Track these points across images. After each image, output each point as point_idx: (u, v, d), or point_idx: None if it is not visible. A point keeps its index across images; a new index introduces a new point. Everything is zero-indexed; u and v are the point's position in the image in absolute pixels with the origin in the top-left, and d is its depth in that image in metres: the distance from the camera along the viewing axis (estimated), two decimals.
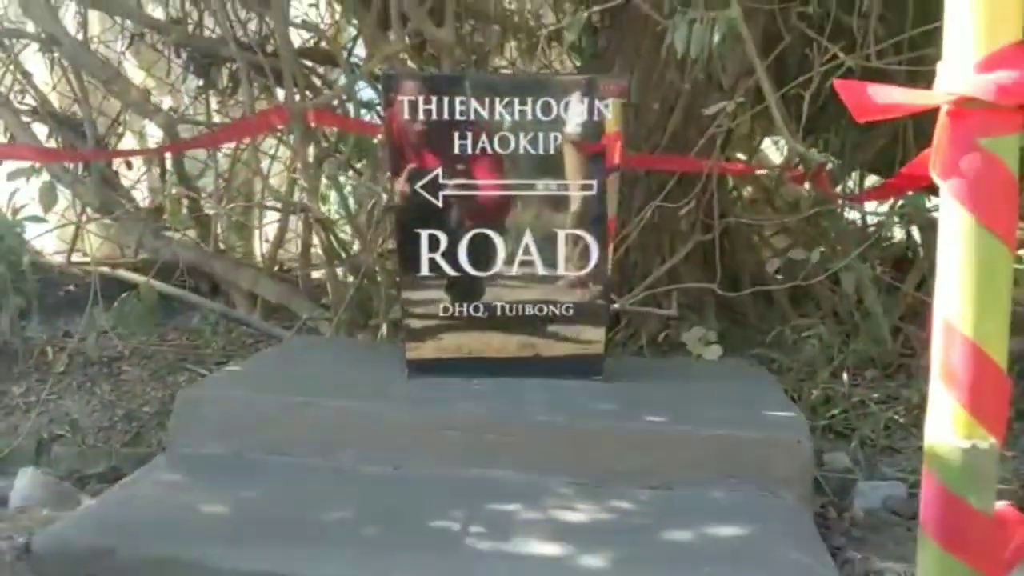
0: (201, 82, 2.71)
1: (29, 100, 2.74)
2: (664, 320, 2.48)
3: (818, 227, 2.58)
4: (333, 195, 2.64)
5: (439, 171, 1.70)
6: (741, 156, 2.81)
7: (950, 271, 0.98)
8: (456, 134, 1.69)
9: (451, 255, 1.71)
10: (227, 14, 2.59)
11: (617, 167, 1.72)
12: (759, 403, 1.63)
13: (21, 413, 2.29)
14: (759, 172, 2.45)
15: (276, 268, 2.84)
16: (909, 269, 2.47)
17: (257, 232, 3.01)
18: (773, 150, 3.08)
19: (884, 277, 2.43)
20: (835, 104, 1.84)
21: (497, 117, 1.70)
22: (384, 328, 2.18)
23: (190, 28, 2.71)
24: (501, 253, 1.72)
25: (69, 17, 2.65)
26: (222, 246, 2.89)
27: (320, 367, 1.84)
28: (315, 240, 2.62)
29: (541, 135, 1.70)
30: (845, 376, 2.21)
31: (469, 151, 1.70)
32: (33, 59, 2.80)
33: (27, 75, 2.70)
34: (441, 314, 1.73)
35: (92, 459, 2.07)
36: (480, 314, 1.73)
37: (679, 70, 2.31)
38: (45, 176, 2.49)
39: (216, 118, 2.78)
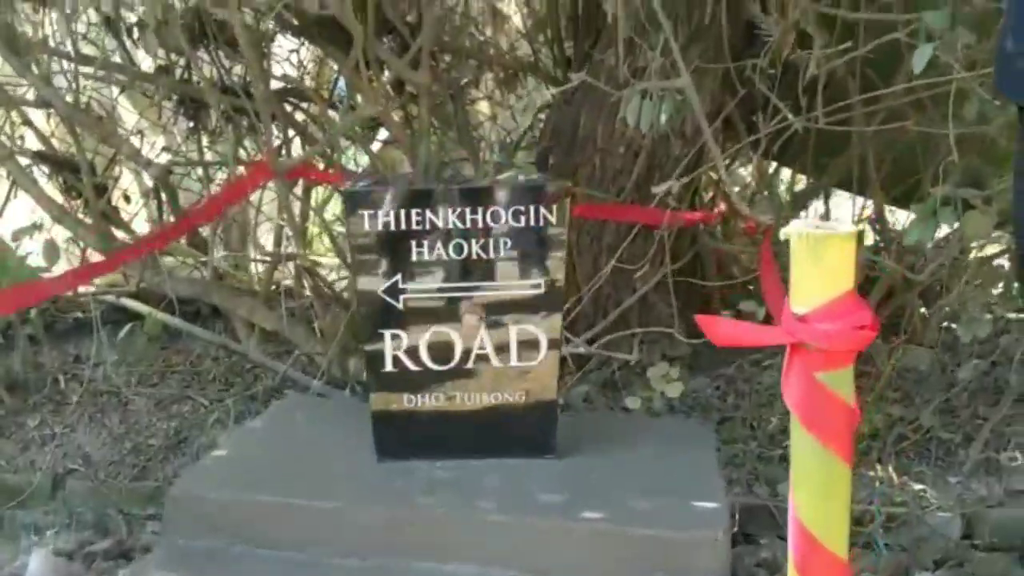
0: (191, 124, 2.86)
1: (30, 144, 2.91)
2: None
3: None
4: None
5: (399, 277, 1.86)
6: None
7: (800, 478, 1.14)
8: (413, 243, 1.85)
9: (413, 352, 1.89)
10: (213, 59, 2.73)
11: (563, 264, 1.88)
12: (692, 487, 1.82)
13: (37, 447, 2.53)
14: (716, 214, 2.58)
15: (274, 289, 3.00)
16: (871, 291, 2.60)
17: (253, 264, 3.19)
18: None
19: None
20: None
21: (451, 226, 1.85)
22: None
23: (178, 73, 2.85)
24: (459, 349, 1.89)
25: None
26: (220, 272, 3.08)
27: (302, 448, 2.04)
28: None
29: (491, 240, 1.86)
30: None
31: (426, 257, 1.86)
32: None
33: (28, 123, 2.84)
34: (406, 404, 1.91)
35: (102, 499, 2.28)
36: (441, 404, 1.91)
37: None
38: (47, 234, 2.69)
39: (208, 155, 2.93)
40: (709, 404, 2.58)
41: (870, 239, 2.77)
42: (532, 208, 1.84)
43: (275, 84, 2.81)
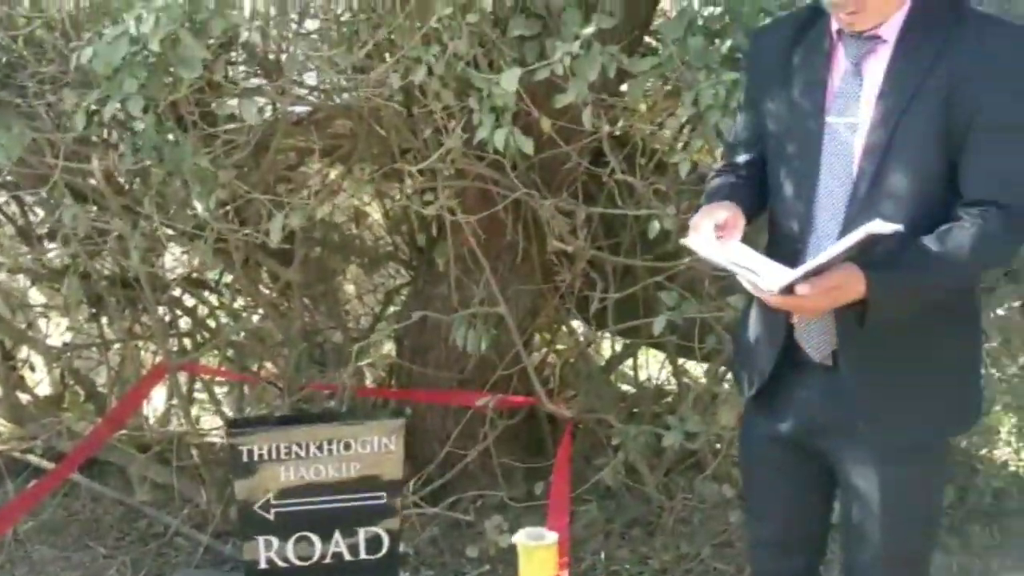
0: (93, 310, 3.30)
1: None
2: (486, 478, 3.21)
3: None
4: None
5: (271, 495, 2.37)
6: None
7: None
8: (282, 468, 2.37)
9: (282, 553, 2.40)
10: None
11: (402, 484, 2.42)
12: None
13: None
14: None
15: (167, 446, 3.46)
16: None
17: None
18: None
19: None
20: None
21: (310, 454, 2.37)
22: None
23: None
24: (318, 548, 2.41)
25: None
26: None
27: None
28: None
29: (344, 464, 2.39)
30: None
31: (292, 480, 2.38)
32: None
33: None
34: None
35: None
36: None
37: None
38: None
39: (109, 333, 3.37)
40: None
41: None
42: (376, 438, 2.38)
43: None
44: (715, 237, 1.63)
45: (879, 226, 1.45)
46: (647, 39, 2.69)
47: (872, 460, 1.71)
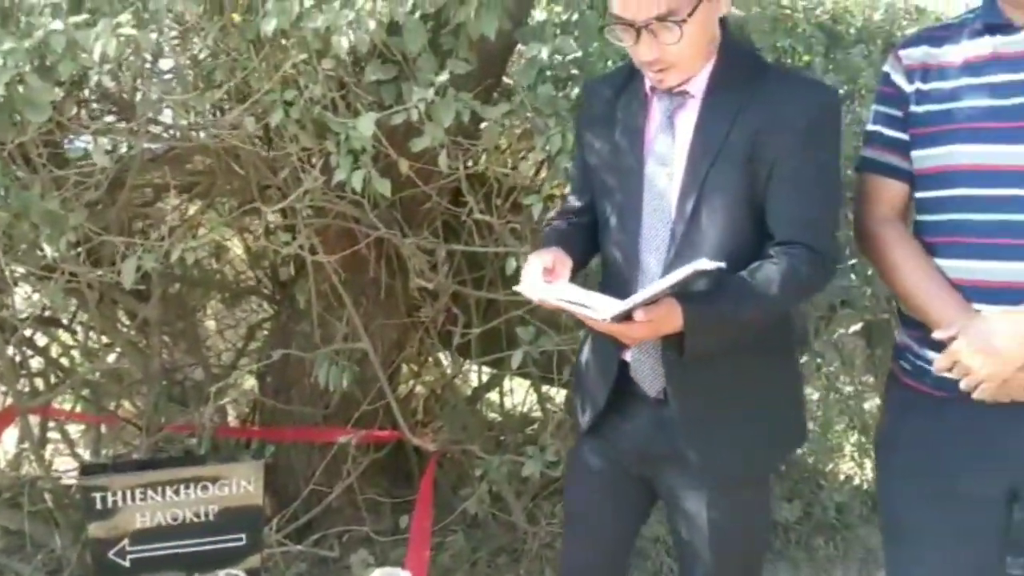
0: None
1: None
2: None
3: None
4: None
5: (126, 542, 2.33)
6: None
7: None
8: (138, 514, 2.33)
9: None
10: None
11: (264, 523, 2.41)
12: None
13: None
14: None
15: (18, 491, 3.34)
16: None
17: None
18: None
19: None
20: None
21: (167, 498, 2.34)
22: None
23: None
24: None
25: None
26: None
27: None
28: None
29: (202, 506, 2.36)
30: None
31: (148, 524, 2.34)
32: None
33: None
34: None
35: None
36: None
37: None
38: None
39: None
40: None
41: None
42: (235, 479, 2.37)
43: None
44: (543, 281, 1.74)
45: (704, 264, 1.58)
46: (506, 80, 2.78)
47: (702, 487, 1.85)
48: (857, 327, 3.59)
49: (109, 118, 2.62)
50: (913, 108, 1.83)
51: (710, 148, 1.73)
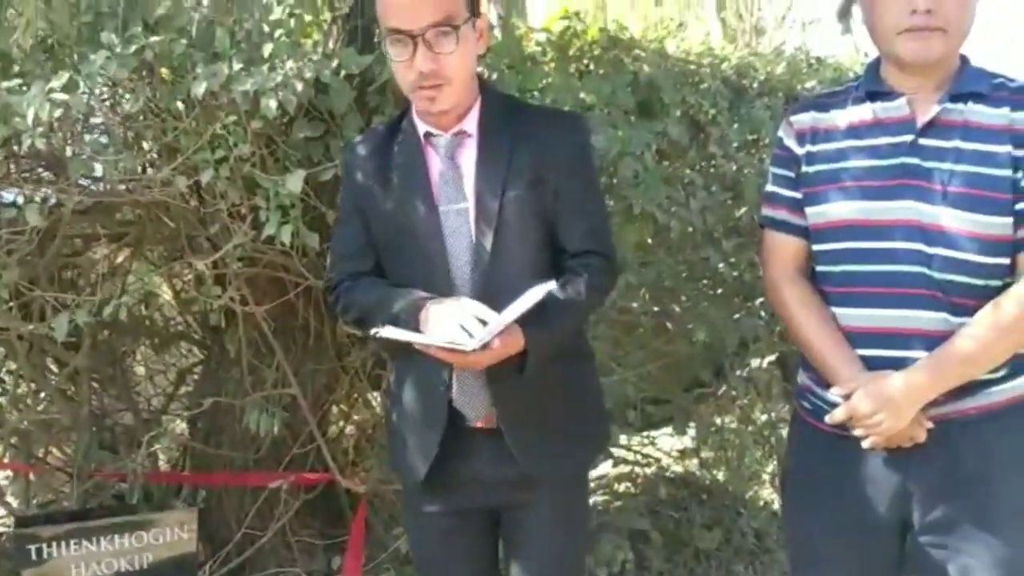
0: None
1: None
2: None
3: None
4: None
5: None
6: None
7: None
8: (73, 564, 2.36)
9: None
10: None
11: (197, 569, 2.46)
12: None
13: None
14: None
15: None
16: None
17: None
18: None
19: None
20: None
21: (102, 547, 2.38)
22: None
23: None
24: None
25: None
26: None
27: None
28: None
29: (136, 555, 2.40)
30: None
31: (83, 574, 2.37)
32: None
33: None
34: None
35: None
36: None
37: None
38: None
39: None
40: None
41: None
42: (168, 528, 2.42)
43: None
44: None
45: (544, 288, 1.73)
46: None
47: (536, 498, 1.98)
48: (772, 358, 3.78)
49: (42, 171, 2.65)
50: (804, 168, 1.99)
51: (497, 180, 1.87)
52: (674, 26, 3.69)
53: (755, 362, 3.68)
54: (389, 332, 1.80)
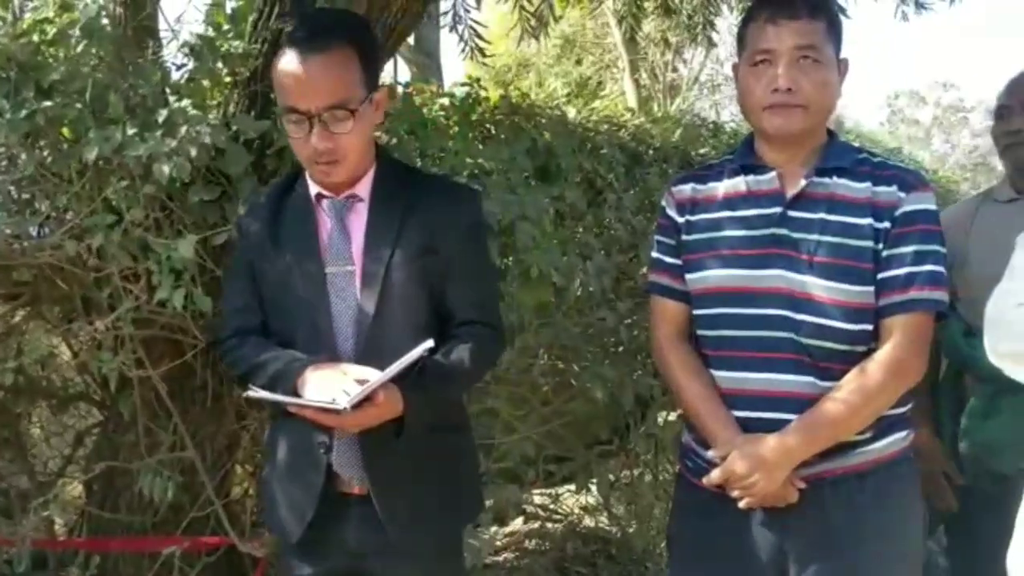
0: None
1: None
2: None
3: None
4: None
5: None
6: None
7: None
8: None
9: None
10: None
11: None
12: None
13: None
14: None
15: None
16: None
17: None
18: None
19: None
20: None
21: None
22: None
23: None
24: None
25: None
26: None
27: None
28: None
29: None
30: None
31: None
32: None
33: None
34: None
35: None
36: None
37: None
38: None
39: None
40: None
41: None
42: None
43: None
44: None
45: (420, 349, 1.75)
46: None
47: (407, 569, 1.97)
48: (676, 415, 3.84)
49: None
50: (684, 237, 2.07)
51: (385, 244, 1.90)
52: (593, 84, 3.79)
53: (661, 418, 3.74)
54: (262, 394, 1.81)
